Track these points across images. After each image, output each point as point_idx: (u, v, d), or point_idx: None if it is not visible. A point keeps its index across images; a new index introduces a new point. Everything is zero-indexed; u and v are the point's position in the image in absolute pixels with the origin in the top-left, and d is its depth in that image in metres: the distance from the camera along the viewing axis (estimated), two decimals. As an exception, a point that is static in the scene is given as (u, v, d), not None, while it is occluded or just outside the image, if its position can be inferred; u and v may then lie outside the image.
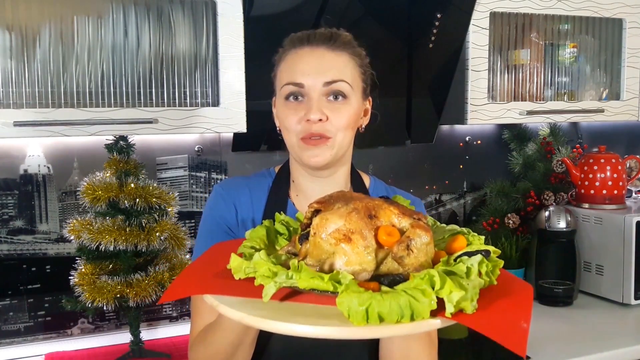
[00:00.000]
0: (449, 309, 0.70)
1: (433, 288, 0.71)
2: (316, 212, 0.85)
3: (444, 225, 0.97)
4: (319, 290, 0.75)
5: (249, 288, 0.80)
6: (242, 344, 1.02)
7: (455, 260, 0.81)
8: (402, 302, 0.70)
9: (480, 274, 0.77)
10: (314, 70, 1.09)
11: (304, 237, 0.84)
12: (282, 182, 1.21)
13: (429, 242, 0.81)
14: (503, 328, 0.71)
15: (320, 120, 1.08)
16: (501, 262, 0.83)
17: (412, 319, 0.70)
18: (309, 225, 0.86)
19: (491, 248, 0.84)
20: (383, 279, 0.78)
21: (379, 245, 0.80)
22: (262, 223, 0.97)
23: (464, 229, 0.92)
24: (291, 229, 0.99)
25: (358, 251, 0.79)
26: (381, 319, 0.70)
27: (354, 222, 0.80)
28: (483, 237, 0.88)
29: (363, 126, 1.18)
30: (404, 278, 0.76)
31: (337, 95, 1.10)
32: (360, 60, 1.15)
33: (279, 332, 0.73)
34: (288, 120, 1.11)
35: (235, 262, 0.83)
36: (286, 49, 1.14)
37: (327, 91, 1.09)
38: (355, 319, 0.70)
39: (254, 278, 0.80)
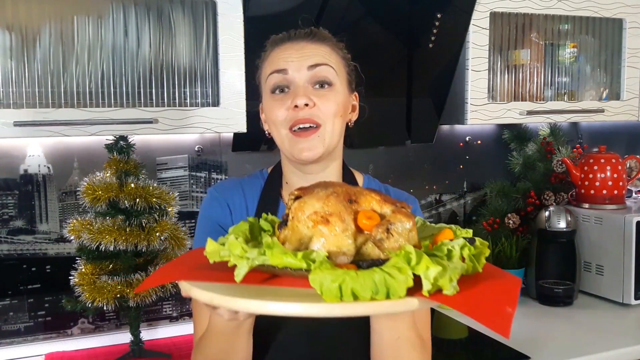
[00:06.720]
0: (426, 286, 0.68)
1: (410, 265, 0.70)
2: (297, 199, 0.83)
3: (433, 224, 0.94)
4: (292, 268, 0.72)
5: (226, 276, 0.78)
6: (233, 351, 0.99)
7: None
8: (377, 278, 0.68)
9: (463, 259, 0.75)
10: (297, 56, 1.09)
11: (283, 224, 0.82)
12: (274, 183, 1.20)
13: (411, 229, 0.78)
14: (486, 310, 0.69)
15: (307, 105, 1.06)
16: (487, 250, 0.80)
17: (387, 296, 0.68)
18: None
19: (478, 239, 0.81)
20: (362, 263, 0.76)
21: (359, 230, 0.78)
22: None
23: (453, 226, 0.88)
24: (276, 225, 0.97)
25: (336, 233, 0.77)
26: (355, 297, 0.68)
27: (332, 204, 0.78)
28: (471, 231, 0.85)
29: (352, 121, 1.17)
30: (383, 263, 0.73)
31: (323, 83, 1.09)
32: (342, 52, 1.14)
33: (249, 311, 0.75)
34: (274, 112, 1.10)
35: (211, 247, 0.80)
36: (268, 50, 1.15)
37: (312, 76, 1.08)
38: (328, 296, 0.68)
39: (232, 268, 0.78)
